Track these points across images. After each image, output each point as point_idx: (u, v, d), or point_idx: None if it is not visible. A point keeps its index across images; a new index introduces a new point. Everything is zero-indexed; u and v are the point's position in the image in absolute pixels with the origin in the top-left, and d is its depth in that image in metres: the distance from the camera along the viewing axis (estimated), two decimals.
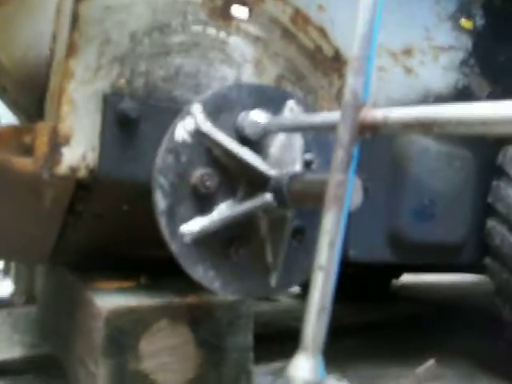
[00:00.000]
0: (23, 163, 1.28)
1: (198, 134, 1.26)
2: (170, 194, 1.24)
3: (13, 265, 3.10)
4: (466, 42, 2.00)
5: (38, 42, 1.76)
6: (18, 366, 1.95)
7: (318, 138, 1.41)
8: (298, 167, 1.33)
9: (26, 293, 2.84)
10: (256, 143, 1.30)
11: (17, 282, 2.96)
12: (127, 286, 1.58)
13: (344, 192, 0.78)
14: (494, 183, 1.97)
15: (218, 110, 1.29)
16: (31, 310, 2.63)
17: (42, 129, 1.28)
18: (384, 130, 0.78)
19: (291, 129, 1.25)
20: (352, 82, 0.81)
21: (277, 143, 1.33)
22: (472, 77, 2.01)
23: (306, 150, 1.38)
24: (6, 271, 3.20)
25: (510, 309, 1.92)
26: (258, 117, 1.28)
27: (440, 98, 1.92)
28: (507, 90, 2.09)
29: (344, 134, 0.79)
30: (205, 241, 1.27)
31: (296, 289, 3.08)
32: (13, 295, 2.87)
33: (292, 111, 1.37)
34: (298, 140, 1.35)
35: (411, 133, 1.29)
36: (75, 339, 1.59)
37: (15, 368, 1.94)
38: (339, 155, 0.79)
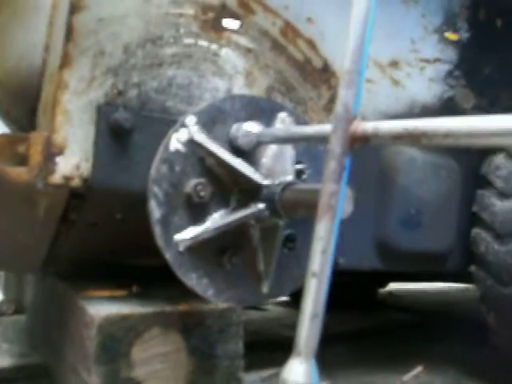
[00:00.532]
0: (17, 172, 1.29)
1: (192, 145, 1.28)
2: (165, 204, 1.26)
3: (1, 274, 3.09)
4: (452, 54, 2.04)
5: (30, 53, 1.78)
6: (7, 376, 1.95)
7: (309, 149, 1.44)
8: (289, 177, 1.35)
9: (15, 302, 2.84)
10: (249, 154, 1.32)
11: (6, 292, 2.95)
12: (119, 294, 1.59)
13: (336, 201, 0.80)
14: (479, 192, 2.00)
15: (212, 121, 1.31)
16: (20, 319, 2.62)
17: (36, 138, 1.29)
18: (374, 141, 0.81)
19: (283, 140, 1.28)
20: (343, 95, 0.83)
21: (269, 154, 1.35)
22: (457, 88, 2.05)
23: (297, 160, 1.41)
24: None
25: (494, 316, 1.95)
26: (251, 128, 1.31)
27: (426, 110, 1.96)
28: (492, 102, 2.14)
29: (336, 146, 0.82)
30: (198, 249, 1.29)
31: (285, 297, 3.09)
32: (2, 305, 2.86)
33: (283, 122, 1.40)
34: (289, 151, 1.38)
35: (400, 144, 1.32)
36: (67, 348, 1.60)
37: (5, 377, 1.93)
38: (331, 166, 0.81)
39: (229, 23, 1.51)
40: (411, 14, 1.93)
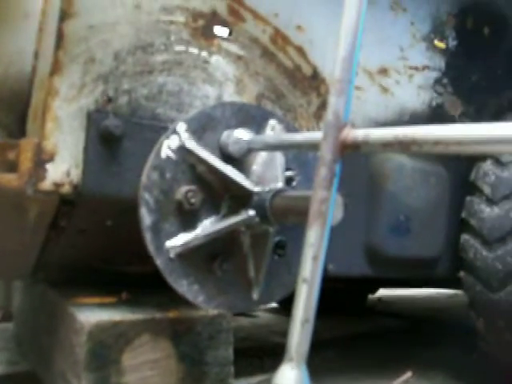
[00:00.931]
0: (7, 179, 1.29)
1: (183, 152, 1.29)
2: (155, 210, 1.26)
3: None
4: (440, 62, 2.06)
5: (19, 59, 1.78)
6: None
7: (298, 156, 1.45)
8: (279, 184, 1.36)
9: (2, 309, 2.82)
10: (239, 161, 1.33)
11: None
12: (109, 301, 1.58)
13: (327, 208, 0.81)
14: (468, 199, 2.02)
15: (203, 128, 1.32)
16: (8, 326, 2.60)
17: (27, 145, 1.29)
18: (365, 148, 0.81)
19: (274, 147, 1.29)
20: (334, 102, 0.84)
21: (259, 161, 1.36)
22: (445, 96, 2.07)
23: (287, 167, 1.42)
24: None
25: (483, 321, 1.96)
26: (241, 135, 1.31)
27: (415, 117, 1.97)
28: (479, 109, 2.16)
29: (326, 153, 0.82)
30: (189, 256, 1.29)
31: (274, 304, 3.10)
32: None
33: (274, 130, 1.40)
34: (279, 158, 1.39)
35: (391, 151, 1.34)
36: (56, 355, 1.59)
37: None
38: (322, 173, 0.82)
39: (219, 31, 1.52)
40: (400, 22, 1.95)
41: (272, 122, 1.41)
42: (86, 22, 1.34)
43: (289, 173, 1.42)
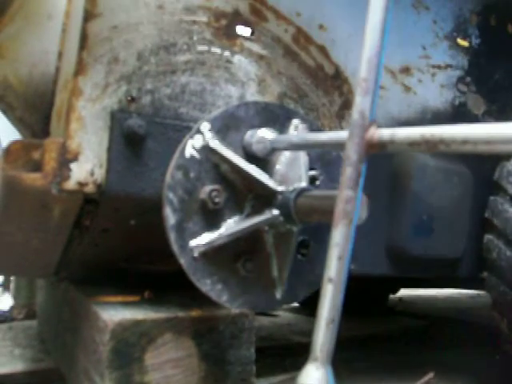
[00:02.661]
0: (32, 178, 1.30)
1: (207, 151, 1.29)
2: (180, 210, 1.26)
3: (12, 279, 3.11)
4: (463, 60, 2.04)
5: (43, 60, 1.80)
6: (19, 381, 1.96)
7: (322, 156, 1.44)
8: (303, 184, 1.36)
9: (25, 307, 2.85)
10: (262, 160, 1.33)
11: (16, 297, 2.97)
12: (132, 299, 1.59)
13: (352, 208, 0.80)
14: (491, 198, 2.00)
15: (226, 127, 1.32)
16: (32, 324, 2.64)
17: (51, 145, 1.30)
18: (391, 148, 0.81)
19: (298, 146, 1.28)
20: (360, 102, 0.84)
21: (282, 160, 1.36)
22: (468, 94, 2.05)
23: (311, 167, 1.41)
24: (6, 286, 3.21)
25: (507, 322, 1.95)
26: (265, 134, 1.31)
27: (437, 116, 1.96)
28: (502, 108, 2.14)
29: (352, 153, 0.82)
30: (213, 255, 1.30)
31: (296, 304, 3.10)
32: (12, 310, 2.88)
33: (297, 129, 1.40)
34: (302, 157, 1.38)
35: (417, 151, 1.33)
36: (79, 352, 1.60)
37: (18, 382, 1.95)
38: (348, 172, 0.82)
39: (241, 30, 1.52)
40: (422, 21, 1.93)
41: (295, 121, 1.41)
42: (110, 23, 1.35)
43: (312, 172, 1.41)
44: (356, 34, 1.69)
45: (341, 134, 0.98)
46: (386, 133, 0.81)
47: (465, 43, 2.05)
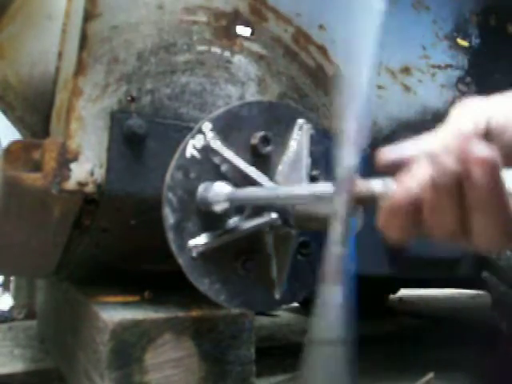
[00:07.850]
0: (32, 178, 1.30)
1: (207, 152, 1.29)
2: (179, 210, 1.26)
3: (12, 279, 3.11)
4: (463, 60, 2.04)
5: (43, 60, 1.80)
6: (19, 381, 1.96)
7: (325, 155, 1.43)
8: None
9: (25, 307, 2.85)
10: (265, 160, 1.33)
11: (16, 297, 2.97)
12: (132, 299, 1.59)
13: (343, 264, 0.78)
14: None
15: (228, 127, 1.31)
16: (31, 324, 2.64)
17: (51, 145, 1.30)
18: (382, 199, 0.77)
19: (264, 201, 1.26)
20: (345, 155, 0.80)
21: (286, 161, 1.35)
22: (469, 94, 2.05)
23: (313, 167, 1.40)
24: (6, 286, 3.21)
25: (507, 322, 1.95)
26: (222, 189, 1.27)
27: (437, 116, 1.96)
28: None
29: (340, 208, 0.79)
30: (211, 255, 1.29)
31: (296, 304, 3.09)
32: (12, 310, 2.88)
33: (301, 129, 1.39)
34: (305, 159, 1.37)
35: None
36: (79, 352, 1.60)
37: (17, 382, 1.95)
38: (337, 228, 0.79)
39: (241, 30, 1.52)
40: (422, 21, 1.93)
41: (300, 122, 1.40)
42: (110, 23, 1.35)
43: (314, 172, 1.40)
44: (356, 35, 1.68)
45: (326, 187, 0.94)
46: (376, 184, 0.78)
47: (465, 43, 2.05)
